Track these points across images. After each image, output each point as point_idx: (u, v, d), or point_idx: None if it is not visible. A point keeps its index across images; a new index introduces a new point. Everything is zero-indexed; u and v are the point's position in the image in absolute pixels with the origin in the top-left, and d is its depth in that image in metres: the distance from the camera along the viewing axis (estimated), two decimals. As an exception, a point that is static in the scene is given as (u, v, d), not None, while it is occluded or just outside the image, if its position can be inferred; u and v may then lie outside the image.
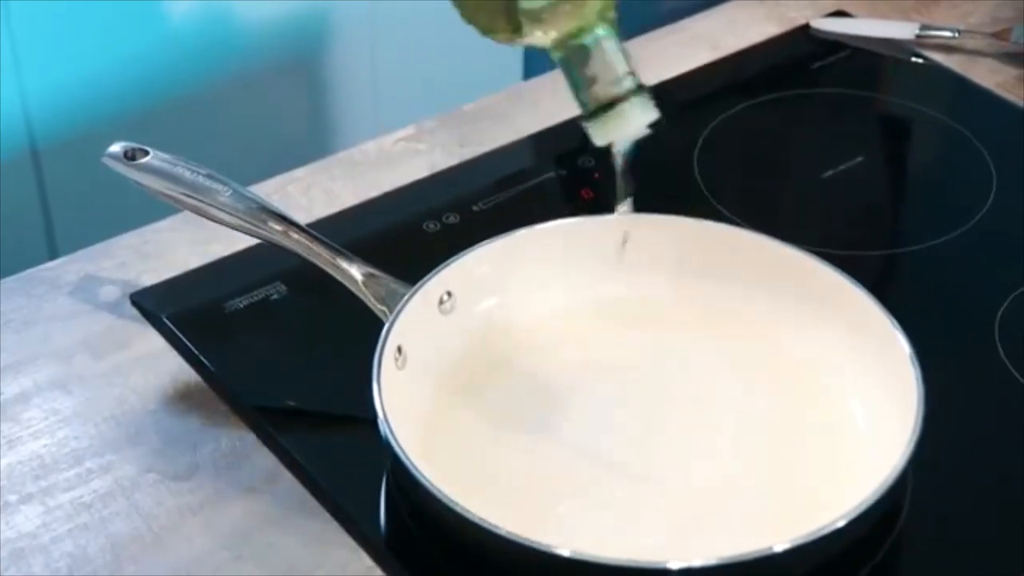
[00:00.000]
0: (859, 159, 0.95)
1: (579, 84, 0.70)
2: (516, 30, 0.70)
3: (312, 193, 0.92)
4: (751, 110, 0.99)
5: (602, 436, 0.74)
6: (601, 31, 0.69)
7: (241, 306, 0.83)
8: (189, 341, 0.80)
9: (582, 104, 0.71)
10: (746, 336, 0.79)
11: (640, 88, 0.70)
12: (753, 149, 0.98)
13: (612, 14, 0.70)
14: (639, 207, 0.82)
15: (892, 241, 0.90)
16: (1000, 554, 0.70)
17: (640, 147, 0.72)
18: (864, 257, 0.87)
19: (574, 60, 0.70)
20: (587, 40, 0.69)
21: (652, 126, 0.71)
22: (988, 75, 1.03)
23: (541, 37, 0.70)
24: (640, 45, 1.05)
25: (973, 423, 0.77)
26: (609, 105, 0.69)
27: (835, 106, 1.02)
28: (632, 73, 0.70)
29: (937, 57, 1.05)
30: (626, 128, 0.70)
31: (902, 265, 0.88)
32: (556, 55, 0.71)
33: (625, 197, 0.75)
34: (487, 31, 0.71)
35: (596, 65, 0.69)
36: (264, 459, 0.75)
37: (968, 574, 0.70)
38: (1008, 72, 1.03)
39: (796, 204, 0.93)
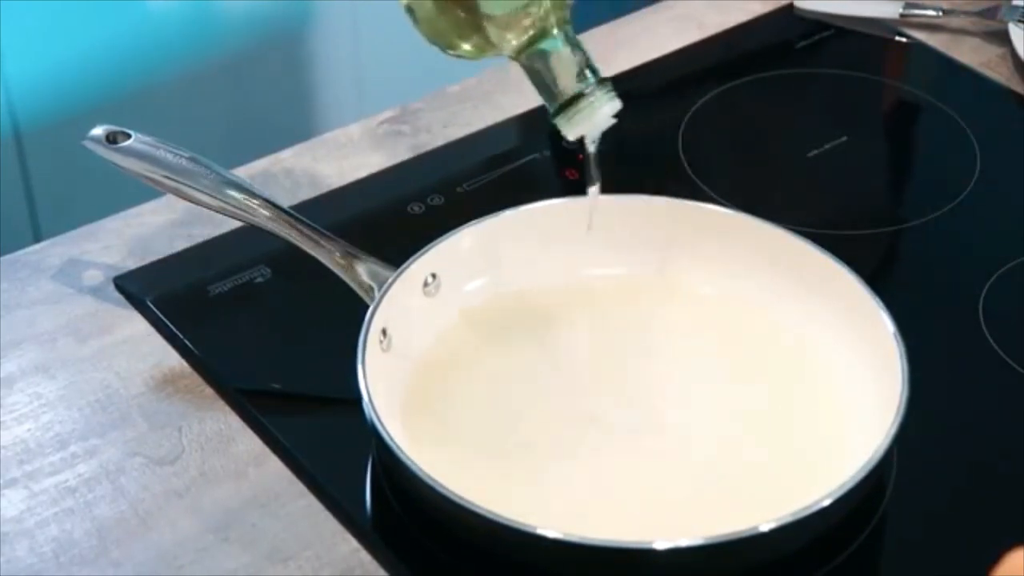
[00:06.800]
0: (843, 139, 0.95)
1: (544, 86, 0.74)
2: (484, 40, 0.74)
3: (296, 175, 0.92)
4: (736, 90, 0.99)
5: (588, 415, 0.74)
6: (557, 32, 0.73)
7: (226, 289, 0.83)
8: (173, 324, 0.80)
9: (549, 103, 0.74)
10: (731, 315, 0.79)
11: (602, 81, 0.74)
12: (738, 129, 0.98)
13: (565, 13, 0.73)
14: (625, 187, 0.82)
15: (877, 220, 0.90)
16: (984, 531, 0.70)
17: (606, 139, 0.75)
18: (849, 236, 0.87)
19: (537, 64, 0.74)
20: (547, 44, 0.73)
21: (616, 116, 0.74)
22: (972, 54, 1.03)
23: (506, 47, 0.74)
24: (626, 25, 1.05)
25: (958, 401, 0.77)
26: (574, 100, 0.73)
27: (820, 85, 1.02)
28: (592, 68, 0.74)
29: (921, 36, 1.05)
30: (593, 119, 0.74)
31: (887, 244, 0.88)
32: (520, 61, 0.74)
33: (594, 183, 0.77)
34: (450, 47, 0.75)
35: (558, 66, 0.73)
36: (249, 442, 0.75)
37: (953, 550, 0.70)
38: (992, 51, 1.03)
39: (781, 184, 0.93)
